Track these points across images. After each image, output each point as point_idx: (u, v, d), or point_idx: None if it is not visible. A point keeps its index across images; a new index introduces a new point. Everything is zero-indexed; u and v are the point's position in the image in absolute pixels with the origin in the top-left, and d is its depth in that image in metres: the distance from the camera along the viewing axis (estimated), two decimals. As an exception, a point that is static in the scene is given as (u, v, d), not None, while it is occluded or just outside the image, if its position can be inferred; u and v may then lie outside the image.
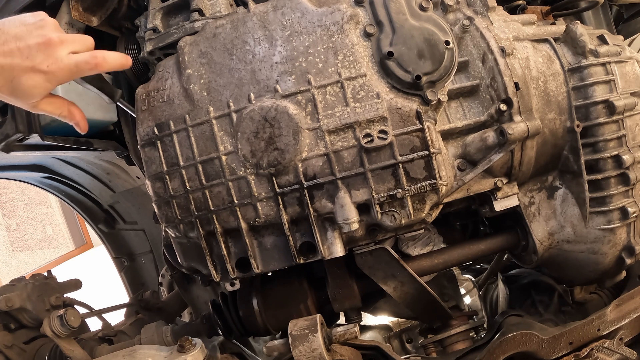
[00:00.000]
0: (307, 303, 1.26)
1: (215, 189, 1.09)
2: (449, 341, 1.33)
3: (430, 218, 1.10)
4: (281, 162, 1.05)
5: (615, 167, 1.19)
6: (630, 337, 1.24)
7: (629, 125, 1.20)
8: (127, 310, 1.82)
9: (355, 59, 1.05)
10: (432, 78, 1.05)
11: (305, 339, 1.07)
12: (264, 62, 1.07)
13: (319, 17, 1.07)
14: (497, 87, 1.11)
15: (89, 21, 1.30)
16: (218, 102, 1.09)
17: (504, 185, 1.18)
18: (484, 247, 1.30)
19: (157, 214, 1.16)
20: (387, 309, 1.49)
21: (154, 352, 1.15)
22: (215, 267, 1.15)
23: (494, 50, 1.11)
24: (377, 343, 1.15)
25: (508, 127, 1.10)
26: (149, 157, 1.14)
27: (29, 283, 1.59)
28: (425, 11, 1.09)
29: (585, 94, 1.19)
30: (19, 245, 6.13)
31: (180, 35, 1.16)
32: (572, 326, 1.20)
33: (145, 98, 1.15)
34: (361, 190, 1.06)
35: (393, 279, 1.19)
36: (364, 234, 1.11)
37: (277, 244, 1.12)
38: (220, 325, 1.33)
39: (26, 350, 1.50)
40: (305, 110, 1.05)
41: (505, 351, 1.17)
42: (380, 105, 1.04)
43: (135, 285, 2.59)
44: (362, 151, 1.04)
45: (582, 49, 1.20)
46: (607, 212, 1.21)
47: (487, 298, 1.77)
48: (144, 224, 2.49)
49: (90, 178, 2.29)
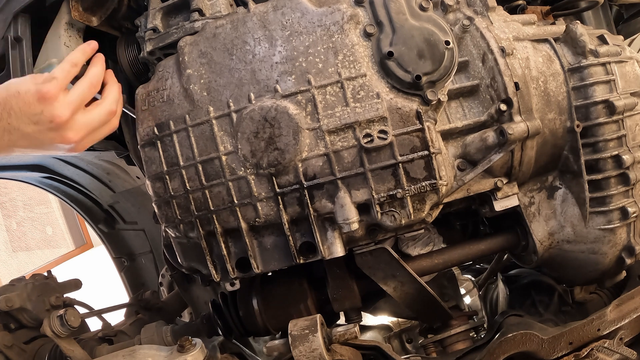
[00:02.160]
0: (307, 303, 1.26)
1: (215, 189, 1.09)
2: (449, 341, 1.33)
3: (430, 218, 1.10)
4: (281, 162, 1.05)
5: (615, 167, 1.19)
6: (630, 337, 1.24)
7: (629, 125, 1.20)
8: (127, 310, 1.82)
9: (355, 59, 1.05)
10: (432, 78, 1.05)
11: (305, 339, 1.07)
12: (264, 62, 1.07)
13: (319, 17, 1.07)
14: (497, 87, 1.11)
15: (89, 21, 1.30)
16: (218, 102, 1.09)
17: (504, 185, 1.18)
18: (484, 247, 1.30)
19: (157, 214, 1.16)
20: (387, 309, 1.49)
21: (154, 352, 1.15)
22: (215, 267, 1.15)
23: (494, 50, 1.11)
24: (377, 343, 1.15)
25: (508, 127, 1.10)
26: (149, 157, 1.14)
27: (29, 283, 1.59)
28: (425, 11, 1.08)
29: (585, 94, 1.19)
30: (19, 245, 6.13)
31: (180, 35, 1.16)
32: (572, 326, 1.20)
33: (145, 98, 1.15)
34: (361, 190, 1.06)
35: (393, 279, 1.19)
36: (364, 234, 1.11)
37: (277, 244, 1.12)
38: (220, 325, 1.34)
39: (26, 350, 1.51)
40: (305, 110, 1.05)
41: (505, 351, 1.17)
42: (380, 105, 1.04)
43: (135, 285, 2.59)
44: (362, 151, 1.04)
45: (582, 49, 1.19)
46: (607, 212, 1.21)
47: (487, 298, 1.77)
48: (144, 224, 2.50)
49: (90, 178, 2.29)
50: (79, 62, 1.04)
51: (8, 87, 0.96)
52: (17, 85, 0.96)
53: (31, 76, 0.99)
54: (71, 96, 0.99)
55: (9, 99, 0.95)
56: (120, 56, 1.35)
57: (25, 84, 0.96)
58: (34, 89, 0.95)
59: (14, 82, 0.97)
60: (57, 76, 0.98)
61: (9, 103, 0.95)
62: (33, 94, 0.95)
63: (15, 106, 0.95)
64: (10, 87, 0.96)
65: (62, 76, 0.99)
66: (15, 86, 0.96)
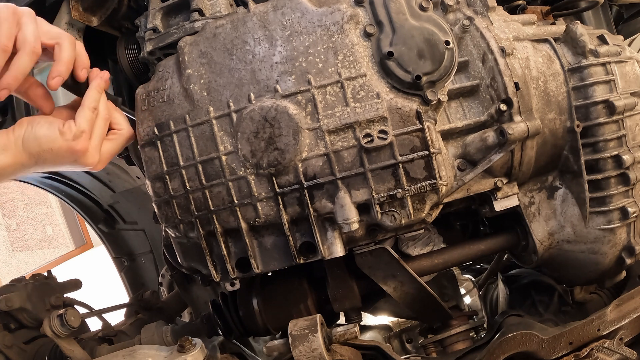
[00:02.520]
0: (307, 303, 1.26)
1: (215, 189, 1.09)
2: (449, 341, 1.33)
3: (430, 218, 1.10)
4: (281, 162, 1.05)
5: (615, 167, 1.19)
6: (630, 337, 1.24)
7: (629, 125, 1.20)
8: (127, 310, 1.82)
9: (355, 59, 1.05)
10: (432, 78, 1.05)
11: (305, 339, 1.07)
12: (264, 62, 1.07)
13: (319, 17, 1.07)
14: (497, 87, 1.11)
15: (89, 21, 1.30)
16: (218, 102, 1.09)
17: (504, 185, 1.18)
18: (484, 247, 1.30)
19: (157, 214, 1.16)
20: (387, 309, 1.49)
21: (154, 352, 1.15)
22: (215, 267, 1.15)
23: (494, 50, 1.11)
24: (377, 343, 1.15)
25: (508, 127, 1.10)
26: (149, 157, 1.14)
27: (29, 283, 1.59)
28: (425, 11, 1.08)
29: (585, 94, 1.19)
30: (19, 245, 6.13)
31: (180, 35, 1.16)
32: (572, 326, 1.20)
33: (145, 98, 1.15)
34: (361, 190, 1.06)
35: (393, 279, 1.19)
36: (364, 234, 1.11)
37: (277, 244, 1.12)
38: (220, 325, 1.33)
39: (26, 350, 1.50)
40: (305, 110, 1.05)
41: (505, 351, 1.17)
42: (380, 105, 1.04)
43: (135, 285, 2.59)
44: (362, 151, 1.04)
45: (582, 49, 1.20)
46: (607, 212, 1.21)
47: (487, 298, 1.77)
48: (144, 224, 2.50)
49: (90, 178, 2.29)
50: (97, 102, 1.07)
51: (39, 141, 1.02)
52: (48, 142, 1.02)
53: (59, 131, 1.02)
54: (95, 140, 1.06)
55: (43, 154, 1.02)
56: (120, 56, 1.35)
57: (57, 142, 1.02)
58: (66, 146, 1.02)
59: (43, 134, 1.02)
60: (85, 129, 1.03)
61: (42, 157, 1.03)
62: (66, 151, 1.02)
63: (49, 159, 1.03)
64: (42, 142, 1.02)
65: (89, 128, 1.04)
66: (48, 143, 1.02)
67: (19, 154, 1.01)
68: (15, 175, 1.05)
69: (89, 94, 1.07)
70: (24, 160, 1.02)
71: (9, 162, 1.01)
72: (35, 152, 1.02)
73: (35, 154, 1.02)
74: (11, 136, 1.01)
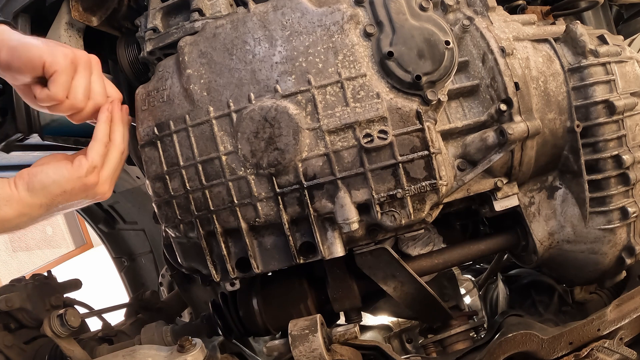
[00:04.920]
0: (307, 303, 1.26)
1: (215, 189, 1.09)
2: (449, 341, 1.33)
3: (430, 218, 1.10)
4: (281, 162, 1.05)
5: (615, 167, 1.19)
6: (630, 337, 1.24)
7: (629, 125, 1.20)
8: (127, 310, 1.82)
9: (355, 59, 1.05)
10: (432, 78, 1.05)
11: (305, 339, 1.07)
12: (264, 62, 1.07)
13: (319, 17, 1.07)
14: (497, 87, 1.11)
15: (89, 21, 1.30)
16: (218, 102, 1.09)
17: (504, 185, 1.18)
18: (484, 247, 1.30)
19: (157, 214, 1.16)
20: (387, 309, 1.49)
21: (154, 352, 1.15)
22: (215, 267, 1.15)
23: (494, 50, 1.11)
24: (377, 343, 1.15)
25: (508, 127, 1.10)
26: (149, 157, 1.14)
27: (29, 283, 1.59)
28: (425, 11, 1.08)
29: (585, 94, 1.19)
30: (19, 245, 6.13)
31: (180, 35, 1.16)
32: (572, 326, 1.20)
33: (145, 98, 1.15)
34: (361, 190, 1.06)
35: (393, 279, 1.19)
36: (364, 234, 1.11)
37: (277, 244, 1.12)
38: (220, 325, 1.33)
39: (26, 350, 1.50)
40: (305, 110, 1.05)
41: (505, 351, 1.17)
42: (380, 105, 1.04)
43: (135, 285, 2.59)
44: (362, 151, 1.04)
45: (582, 49, 1.19)
46: (607, 212, 1.21)
47: (487, 298, 1.77)
48: (144, 224, 2.50)
49: (90, 178, 2.28)
50: (107, 136, 1.05)
51: (49, 189, 0.98)
52: (59, 186, 0.98)
53: (70, 166, 1.00)
54: (107, 172, 1.04)
55: (56, 199, 0.99)
56: (120, 56, 1.35)
57: (70, 182, 0.99)
58: (79, 184, 1.00)
59: (52, 181, 0.98)
60: (97, 164, 1.02)
61: (55, 202, 0.99)
62: (79, 188, 1.00)
63: (62, 201, 1.00)
64: (52, 189, 0.98)
65: (101, 162, 1.02)
66: (58, 187, 0.98)
67: (25, 207, 0.97)
68: (19, 227, 1.01)
69: (99, 127, 1.04)
70: (32, 212, 0.98)
71: (13, 214, 0.96)
72: (46, 202, 0.98)
73: (47, 203, 0.98)
74: (14, 190, 0.97)
